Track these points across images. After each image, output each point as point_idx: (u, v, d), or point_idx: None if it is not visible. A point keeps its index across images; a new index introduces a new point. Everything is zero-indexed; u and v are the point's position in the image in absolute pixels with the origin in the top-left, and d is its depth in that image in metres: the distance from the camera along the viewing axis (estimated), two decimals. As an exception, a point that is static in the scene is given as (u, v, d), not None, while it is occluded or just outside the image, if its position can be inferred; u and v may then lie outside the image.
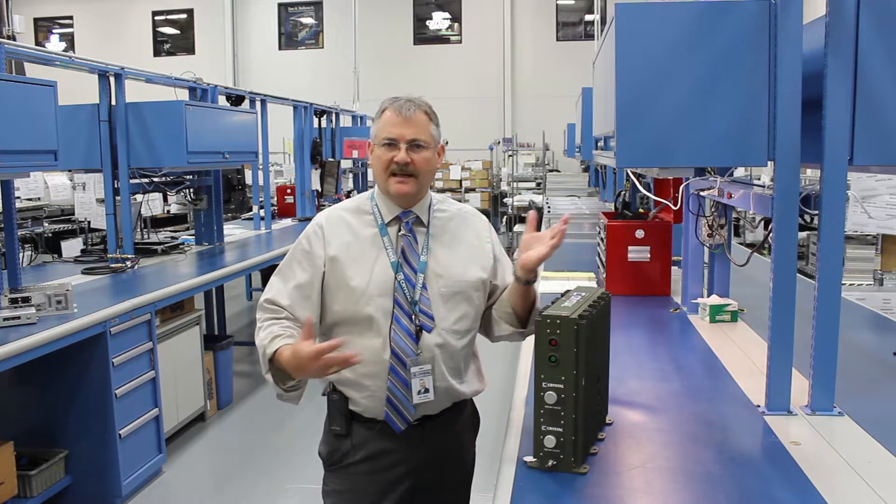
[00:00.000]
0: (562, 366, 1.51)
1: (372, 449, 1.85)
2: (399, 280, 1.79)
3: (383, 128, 1.81)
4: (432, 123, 1.84)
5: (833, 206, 1.83)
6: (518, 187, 13.51)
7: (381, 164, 1.81)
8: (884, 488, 1.50)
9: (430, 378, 1.79)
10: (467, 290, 1.85)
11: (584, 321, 1.52)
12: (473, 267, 1.87)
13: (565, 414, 1.52)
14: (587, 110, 4.80)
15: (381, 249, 1.82)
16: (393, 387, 1.78)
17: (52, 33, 18.60)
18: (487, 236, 1.95)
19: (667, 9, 1.91)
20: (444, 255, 1.85)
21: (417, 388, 1.77)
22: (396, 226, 1.85)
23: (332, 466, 1.92)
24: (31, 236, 6.98)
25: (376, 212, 1.86)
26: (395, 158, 1.78)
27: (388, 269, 1.79)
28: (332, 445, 1.91)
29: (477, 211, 2.03)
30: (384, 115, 1.82)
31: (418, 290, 1.79)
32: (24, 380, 3.49)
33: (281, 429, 4.72)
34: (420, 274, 1.81)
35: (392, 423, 1.80)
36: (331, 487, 1.92)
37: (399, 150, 1.78)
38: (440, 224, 1.89)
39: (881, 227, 5.15)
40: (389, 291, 1.78)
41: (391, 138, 1.79)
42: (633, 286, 3.36)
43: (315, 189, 8.06)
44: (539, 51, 16.68)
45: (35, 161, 3.46)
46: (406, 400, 1.78)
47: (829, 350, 1.89)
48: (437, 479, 1.91)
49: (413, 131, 1.79)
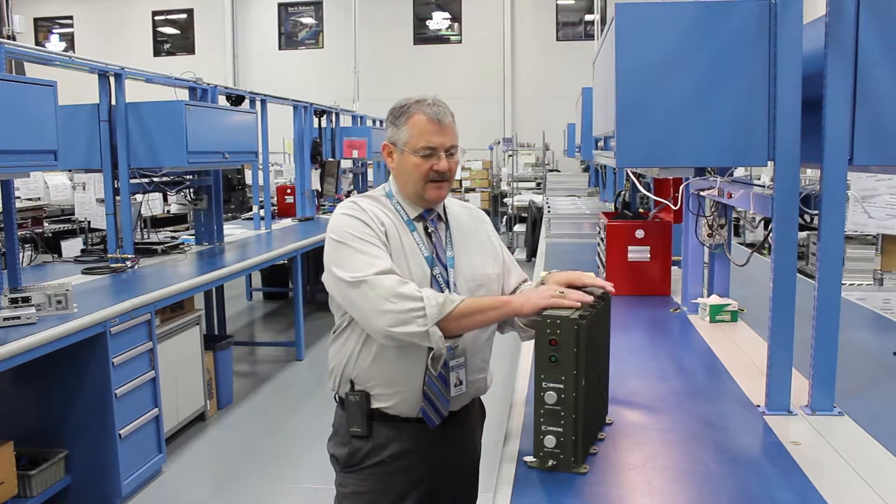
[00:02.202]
0: (562, 366, 1.51)
1: (394, 449, 1.84)
2: (434, 275, 1.79)
3: (420, 136, 1.76)
4: (455, 125, 1.83)
5: (833, 206, 1.83)
6: (518, 187, 13.52)
7: (419, 172, 1.77)
8: (884, 488, 1.50)
9: (464, 371, 1.81)
10: (489, 283, 1.89)
11: (584, 321, 1.52)
12: (490, 261, 1.92)
13: (565, 414, 1.52)
14: (587, 110, 4.80)
15: (414, 244, 1.81)
16: (431, 382, 1.77)
17: (52, 33, 18.60)
18: (492, 231, 2.02)
19: (667, 9, 1.91)
20: (465, 251, 1.88)
21: (454, 380, 1.79)
22: (421, 223, 1.85)
23: (351, 468, 1.88)
24: (31, 236, 6.97)
25: (399, 209, 1.85)
26: (437, 167, 1.77)
27: (424, 263, 1.80)
28: (351, 447, 1.87)
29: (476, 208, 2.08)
30: (416, 119, 1.77)
31: (451, 286, 1.81)
32: (24, 380, 3.49)
33: (281, 429, 4.72)
34: (451, 269, 1.83)
35: (428, 419, 1.79)
36: (350, 489, 1.89)
37: (440, 158, 1.76)
38: (455, 221, 1.92)
39: (881, 227, 5.15)
40: (427, 285, 1.77)
41: (432, 147, 1.76)
42: (633, 286, 3.36)
43: (315, 189, 8.07)
44: (539, 51, 16.69)
45: (35, 161, 3.46)
46: (442, 394, 1.79)
47: (829, 350, 1.89)
48: (453, 472, 1.93)
49: (450, 138, 1.79)
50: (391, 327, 1.64)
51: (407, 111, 1.79)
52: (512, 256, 2.06)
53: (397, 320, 1.63)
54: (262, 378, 5.74)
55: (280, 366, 6.01)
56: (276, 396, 5.34)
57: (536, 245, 7.36)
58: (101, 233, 6.60)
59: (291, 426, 4.78)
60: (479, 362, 1.89)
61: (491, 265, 1.92)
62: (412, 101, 1.80)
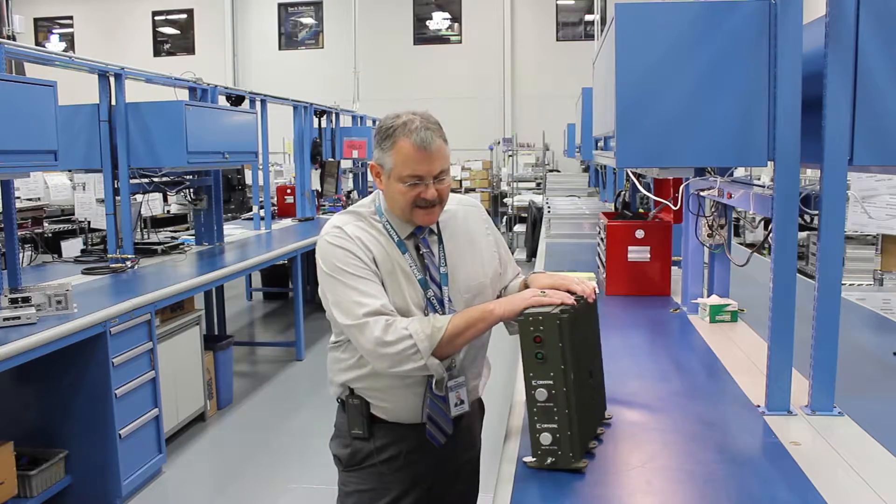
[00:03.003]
0: (549, 362, 1.52)
1: (396, 450, 1.86)
2: (429, 297, 1.78)
3: (405, 164, 1.68)
4: (446, 144, 1.75)
5: (833, 206, 1.83)
6: (518, 187, 13.51)
7: (405, 200, 1.71)
8: (884, 488, 1.50)
9: (464, 390, 1.81)
10: (484, 290, 1.88)
11: (565, 315, 1.54)
12: (484, 264, 1.90)
13: (558, 409, 1.52)
14: (587, 110, 4.80)
15: (407, 266, 1.77)
16: (432, 404, 1.78)
17: (52, 33, 18.60)
18: (487, 228, 1.97)
19: (667, 9, 1.91)
20: (459, 262, 1.85)
21: (454, 400, 1.79)
22: (412, 241, 1.81)
23: (353, 467, 1.90)
24: (31, 236, 6.97)
25: (389, 229, 1.79)
26: (424, 195, 1.70)
27: (417, 286, 1.77)
28: (353, 447, 1.88)
29: (472, 200, 2.02)
30: (401, 146, 1.68)
31: (446, 303, 1.79)
32: (24, 380, 3.49)
33: (281, 429, 4.72)
34: (444, 287, 1.81)
35: (434, 440, 1.81)
36: (352, 488, 1.90)
37: (427, 186, 1.70)
38: (448, 228, 1.88)
39: (881, 227, 5.15)
40: (422, 309, 1.77)
41: (418, 176, 1.69)
42: (633, 286, 3.36)
43: (315, 189, 8.07)
44: (539, 51, 16.68)
45: (35, 161, 3.46)
46: (444, 415, 1.80)
47: (829, 350, 1.89)
48: (453, 469, 1.94)
49: (439, 164, 1.70)
50: (390, 368, 1.69)
51: (392, 136, 1.69)
52: (508, 249, 2.05)
53: (393, 362, 1.67)
54: (262, 378, 5.74)
55: (280, 366, 6.01)
56: (276, 396, 5.34)
57: (536, 245, 7.36)
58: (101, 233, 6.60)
59: (291, 426, 4.78)
60: (474, 372, 1.90)
61: (487, 267, 1.90)
62: (399, 124, 1.69)
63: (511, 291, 1.95)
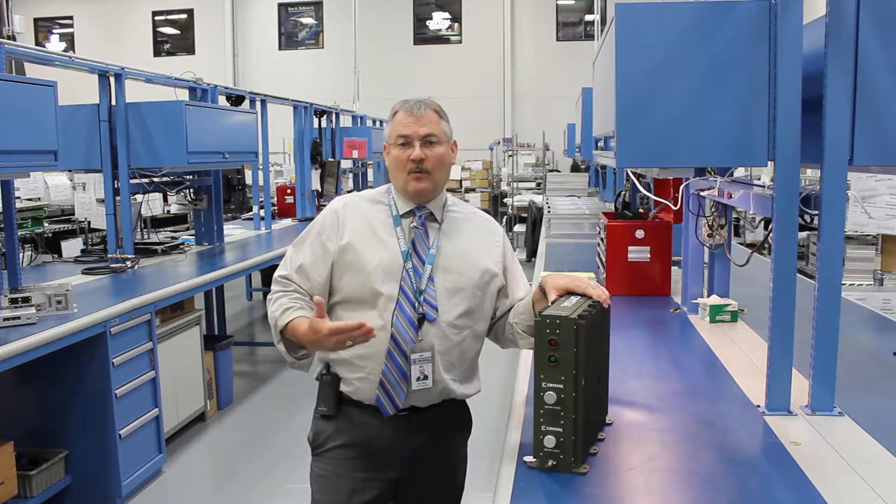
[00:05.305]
0: (561, 366, 1.51)
1: (355, 436, 1.88)
2: (407, 268, 1.82)
3: (396, 128, 1.87)
4: (443, 120, 1.89)
5: (833, 206, 1.83)
6: (518, 187, 13.51)
7: (398, 163, 1.86)
8: (883, 488, 1.50)
9: (429, 366, 1.82)
10: (472, 287, 1.87)
11: (583, 321, 1.52)
12: (481, 266, 1.89)
13: (565, 414, 1.52)
14: (587, 110, 4.80)
15: (393, 237, 1.87)
16: (388, 371, 1.80)
17: (52, 33, 18.60)
18: (500, 241, 1.97)
19: (667, 9, 1.91)
20: (452, 252, 1.88)
21: (417, 374, 1.80)
22: (410, 218, 1.90)
23: (316, 450, 1.96)
24: (31, 236, 6.97)
25: (392, 204, 1.92)
26: (411, 156, 1.84)
27: (397, 255, 1.84)
28: (317, 428, 1.95)
29: (492, 218, 2.06)
30: (396, 116, 1.88)
31: (425, 280, 1.82)
32: (24, 380, 3.49)
33: (281, 429, 4.72)
34: (428, 265, 1.84)
35: (382, 407, 1.82)
36: (315, 472, 1.97)
37: (414, 147, 1.84)
38: (453, 223, 1.93)
39: (881, 227, 5.15)
40: (396, 278, 1.81)
41: (405, 135, 1.84)
42: (633, 286, 3.36)
43: (315, 189, 8.06)
44: (539, 51, 16.68)
45: (35, 161, 3.46)
46: (398, 386, 1.80)
47: (829, 350, 1.89)
48: (422, 475, 1.92)
49: (426, 127, 1.85)
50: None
51: (392, 112, 1.90)
52: (523, 273, 2.01)
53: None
54: (262, 378, 5.74)
55: (280, 366, 6.00)
56: (276, 396, 5.34)
57: (536, 245, 7.37)
58: (101, 233, 6.59)
59: (291, 426, 4.77)
60: (446, 363, 1.85)
61: (482, 271, 1.88)
62: (399, 102, 1.91)
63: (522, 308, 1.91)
